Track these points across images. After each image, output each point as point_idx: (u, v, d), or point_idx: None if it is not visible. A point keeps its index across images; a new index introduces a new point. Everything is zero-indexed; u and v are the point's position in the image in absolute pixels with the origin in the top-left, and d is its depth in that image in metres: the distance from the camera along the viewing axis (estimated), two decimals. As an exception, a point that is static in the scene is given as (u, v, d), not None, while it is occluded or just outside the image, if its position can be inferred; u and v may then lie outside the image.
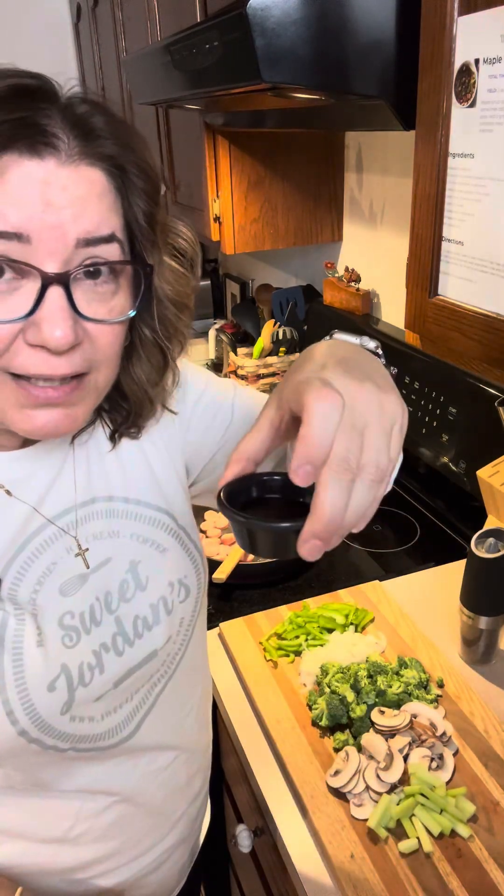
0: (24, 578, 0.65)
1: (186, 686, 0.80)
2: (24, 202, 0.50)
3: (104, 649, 0.69)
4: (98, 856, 0.76)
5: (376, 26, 0.90)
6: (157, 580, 0.73)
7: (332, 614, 1.11)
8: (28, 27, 3.17)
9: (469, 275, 0.85)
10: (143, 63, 1.40)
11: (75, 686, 0.66)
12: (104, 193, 0.54)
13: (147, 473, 0.75)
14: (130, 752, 0.74)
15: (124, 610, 0.71)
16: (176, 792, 0.82)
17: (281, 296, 2.04)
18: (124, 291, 0.58)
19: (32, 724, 0.65)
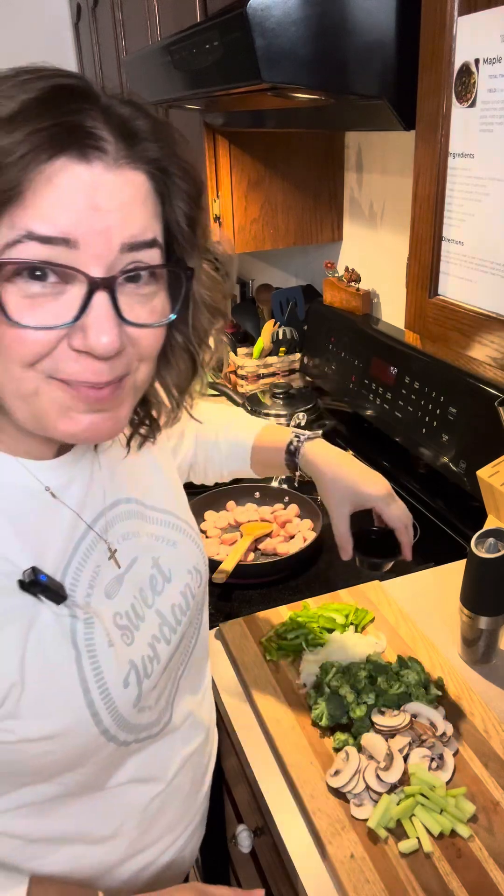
0: (78, 584, 0.66)
1: (200, 667, 0.85)
2: (72, 207, 0.50)
3: (156, 640, 0.73)
4: (143, 846, 0.78)
5: (376, 26, 0.90)
6: (178, 570, 0.78)
7: (332, 614, 1.11)
8: (28, 27, 3.16)
9: (469, 275, 0.85)
10: (143, 63, 1.40)
11: (142, 679, 0.70)
12: (147, 197, 0.55)
13: (156, 476, 0.80)
14: (170, 736, 0.78)
15: (160, 602, 0.74)
16: (200, 772, 0.86)
17: (281, 296, 2.04)
18: (163, 294, 0.58)
19: (113, 721, 0.67)
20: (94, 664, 0.65)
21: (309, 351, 1.93)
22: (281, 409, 1.77)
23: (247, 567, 1.27)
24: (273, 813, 0.85)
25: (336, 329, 1.80)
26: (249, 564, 1.28)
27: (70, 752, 0.65)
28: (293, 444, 0.98)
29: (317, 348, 1.88)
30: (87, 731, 0.65)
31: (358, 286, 1.76)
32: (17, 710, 0.60)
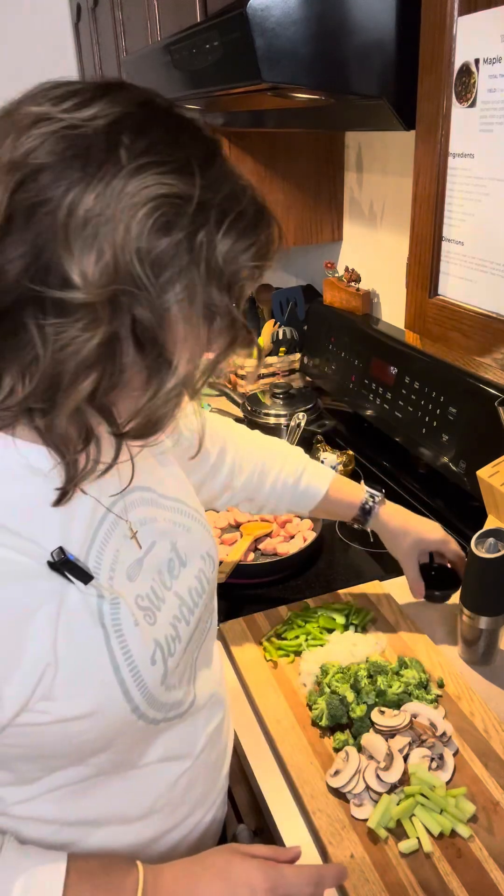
0: (101, 567, 0.67)
1: (210, 649, 0.88)
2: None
3: (177, 620, 0.75)
4: (174, 824, 0.80)
5: (376, 26, 0.90)
6: (193, 555, 0.80)
7: (332, 614, 1.11)
8: (28, 27, 3.16)
9: (469, 275, 0.85)
10: (143, 63, 1.40)
11: (167, 657, 0.71)
12: None
13: (167, 468, 0.84)
14: (195, 715, 0.80)
15: (177, 585, 0.77)
16: (223, 748, 0.88)
17: (281, 296, 2.04)
18: None
19: (143, 698, 0.68)
20: (122, 643, 0.66)
21: (309, 351, 1.93)
22: (281, 409, 1.77)
23: (247, 567, 1.27)
24: (273, 813, 0.85)
25: (336, 329, 1.80)
26: (249, 564, 1.28)
27: (103, 731, 0.66)
28: (368, 504, 1.09)
29: (317, 348, 1.88)
30: (120, 708, 0.66)
31: (358, 286, 1.76)
32: (52, 691, 0.61)
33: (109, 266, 0.50)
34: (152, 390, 0.56)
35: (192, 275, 0.53)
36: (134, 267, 0.51)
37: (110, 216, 0.50)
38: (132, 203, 0.50)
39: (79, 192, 0.50)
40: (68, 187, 0.50)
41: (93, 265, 0.50)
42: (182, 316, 0.55)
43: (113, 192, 0.50)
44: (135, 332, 0.53)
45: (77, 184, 0.50)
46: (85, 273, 0.50)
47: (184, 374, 0.57)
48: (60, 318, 0.51)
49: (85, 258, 0.50)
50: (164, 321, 0.54)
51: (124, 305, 0.52)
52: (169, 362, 0.56)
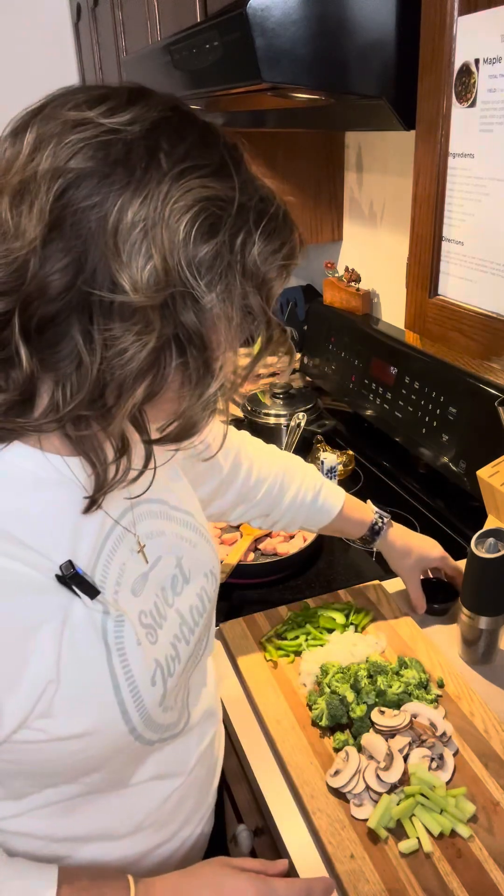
0: (107, 581, 0.65)
1: (206, 664, 0.87)
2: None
3: (177, 640, 0.73)
4: (163, 839, 0.79)
5: (376, 26, 0.90)
6: (197, 572, 0.79)
7: (332, 614, 1.11)
8: (28, 27, 3.16)
9: (469, 275, 0.85)
10: (143, 63, 1.40)
11: (166, 677, 0.70)
12: None
13: (177, 482, 0.82)
14: (188, 733, 0.79)
15: (179, 603, 0.75)
16: (213, 765, 0.88)
17: (281, 296, 2.04)
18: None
19: (141, 719, 0.67)
20: (124, 662, 0.65)
21: (309, 351, 1.93)
22: (281, 409, 1.77)
23: (247, 567, 1.27)
24: (273, 813, 0.85)
25: (336, 329, 1.80)
26: (249, 564, 1.28)
27: (98, 751, 0.65)
28: (378, 524, 1.11)
29: (317, 348, 1.88)
30: (117, 729, 0.65)
31: (358, 286, 1.76)
32: (51, 709, 0.60)
33: (159, 271, 0.50)
34: (195, 395, 0.56)
35: (232, 276, 0.53)
36: (182, 271, 0.51)
37: (157, 221, 0.50)
38: (178, 207, 0.50)
39: (126, 197, 0.50)
40: (114, 193, 0.50)
41: (144, 270, 0.50)
42: (224, 317, 0.54)
43: (158, 197, 0.50)
44: (180, 336, 0.53)
45: (123, 190, 0.50)
46: (136, 279, 0.50)
47: (223, 377, 0.57)
48: (113, 325, 0.51)
49: (135, 264, 0.50)
50: (207, 324, 0.54)
51: (172, 310, 0.52)
52: (211, 365, 0.56)
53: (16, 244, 0.50)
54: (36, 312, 0.51)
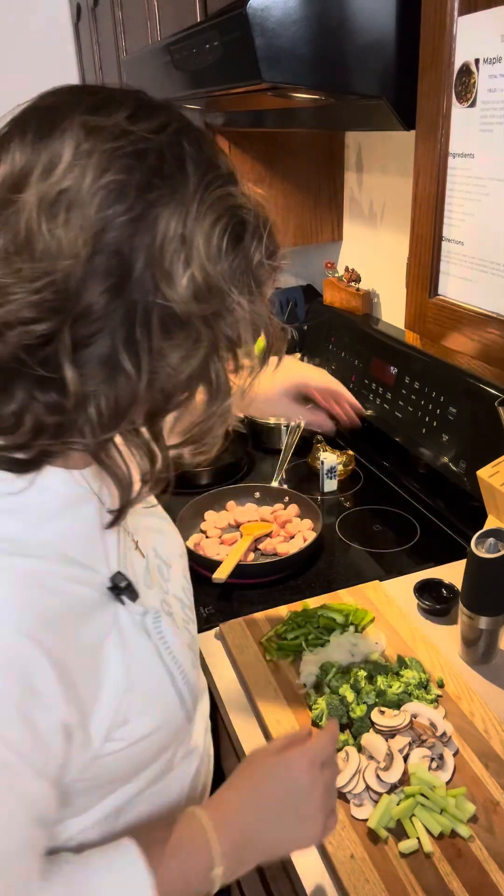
0: (134, 583, 0.66)
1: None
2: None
3: (186, 622, 0.76)
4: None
5: (376, 26, 0.90)
6: (173, 555, 0.81)
7: (332, 614, 1.11)
8: (28, 27, 3.16)
9: (469, 275, 0.85)
10: (143, 63, 1.40)
11: (195, 660, 0.75)
12: None
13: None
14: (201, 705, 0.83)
15: (172, 588, 0.77)
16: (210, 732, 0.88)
17: (281, 296, 2.04)
18: None
19: (192, 702, 0.71)
20: (171, 654, 0.67)
21: (309, 351, 1.93)
22: (281, 409, 1.77)
23: (247, 567, 1.27)
24: (273, 813, 0.85)
25: (336, 329, 1.80)
26: (249, 564, 1.28)
27: (163, 741, 0.67)
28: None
29: (317, 348, 1.88)
30: (178, 717, 0.68)
31: (358, 286, 1.76)
32: (128, 716, 0.61)
33: (200, 282, 0.50)
34: (219, 401, 0.56)
35: (249, 284, 0.54)
36: (221, 282, 0.51)
37: (194, 231, 0.50)
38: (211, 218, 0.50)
39: (165, 209, 0.49)
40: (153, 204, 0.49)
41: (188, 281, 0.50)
42: (244, 324, 0.54)
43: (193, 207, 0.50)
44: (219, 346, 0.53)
45: (159, 200, 0.49)
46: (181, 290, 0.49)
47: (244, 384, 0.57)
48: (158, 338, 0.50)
49: (178, 275, 0.49)
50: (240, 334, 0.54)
51: (213, 320, 0.52)
52: (239, 363, 0.57)
53: (59, 261, 0.47)
54: (80, 331, 0.49)
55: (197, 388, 0.54)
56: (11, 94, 0.56)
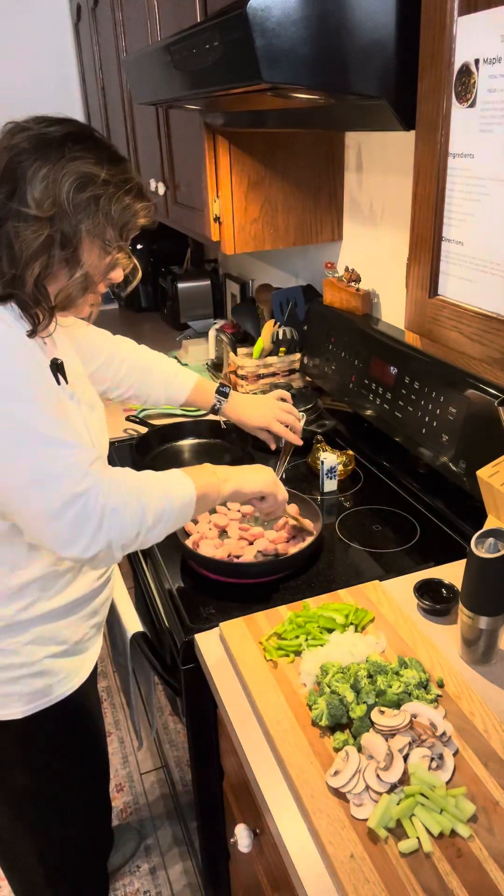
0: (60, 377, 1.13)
1: None
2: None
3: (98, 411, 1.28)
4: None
5: (376, 26, 0.89)
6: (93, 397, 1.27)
7: (332, 614, 1.11)
8: (28, 27, 3.16)
9: (469, 275, 0.85)
10: (143, 63, 1.40)
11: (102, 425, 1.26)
12: None
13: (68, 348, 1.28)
14: None
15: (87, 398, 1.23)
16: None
17: (281, 296, 2.04)
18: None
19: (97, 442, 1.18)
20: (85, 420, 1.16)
21: (309, 351, 1.94)
22: (281, 409, 1.77)
23: (247, 567, 1.27)
24: (273, 813, 0.85)
25: (336, 329, 1.80)
26: (249, 564, 1.28)
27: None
28: (216, 406, 1.49)
29: (317, 348, 1.88)
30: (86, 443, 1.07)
31: (358, 286, 1.76)
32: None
33: (52, 201, 0.92)
34: (69, 276, 0.97)
35: (97, 216, 0.95)
36: (64, 205, 0.93)
37: (56, 178, 0.92)
38: (66, 173, 0.93)
39: (40, 164, 0.93)
40: (36, 160, 0.93)
41: (43, 199, 0.92)
42: (88, 238, 0.96)
43: (57, 167, 0.93)
44: (61, 237, 0.94)
45: (40, 160, 0.93)
46: (38, 202, 0.92)
47: (86, 270, 0.98)
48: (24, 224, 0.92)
49: (39, 195, 0.92)
50: (77, 236, 0.95)
51: (58, 223, 0.94)
52: (79, 260, 0.97)
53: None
54: None
55: (39, 259, 0.94)
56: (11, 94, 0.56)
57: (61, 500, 0.93)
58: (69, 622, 1.14)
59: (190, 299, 2.87)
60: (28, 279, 0.95)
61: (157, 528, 1.02)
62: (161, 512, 1.01)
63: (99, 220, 0.95)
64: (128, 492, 0.98)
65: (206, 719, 1.21)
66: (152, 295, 3.21)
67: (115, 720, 2.29)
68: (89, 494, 0.94)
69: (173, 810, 1.95)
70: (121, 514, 0.96)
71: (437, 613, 1.14)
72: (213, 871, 1.43)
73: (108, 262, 1.01)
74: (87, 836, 1.40)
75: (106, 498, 0.95)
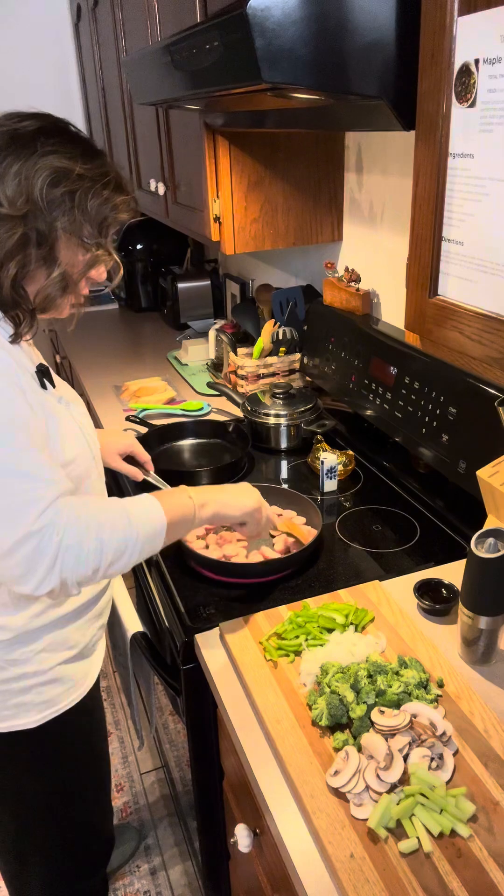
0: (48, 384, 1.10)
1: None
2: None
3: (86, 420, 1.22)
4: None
5: (376, 26, 0.89)
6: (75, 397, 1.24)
7: (332, 614, 1.11)
8: (28, 27, 3.17)
9: (469, 275, 0.85)
10: (143, 63, 1.40)
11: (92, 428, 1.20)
12: None
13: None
14: None
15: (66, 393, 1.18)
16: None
17: (281, 296, 2.04)
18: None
19: (95, 446, 1.17)
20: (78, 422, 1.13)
21: (309, 351, 1.94)
22: (281, 408, 1.77)
23: (247, 567, 1.27)
24: (273, 813, 0.85)
25: (336, 329, 1.80)
26: (250, 564, 1.28)
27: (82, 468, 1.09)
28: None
29: (317, 348, 1.88)
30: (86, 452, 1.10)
31: (358, 286, 1.76)
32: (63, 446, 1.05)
33: (25, 199, 0.90)
34: (47, 276, 0.95)
35: (73, 213, 0.93)
36: (37, 202, 0.91)
37: (28, 175, 0.90)
38: (38, 169, 0.90)
39: (11, 160, 0.90)
40: (6, 157, 0.90)
41: (16, 197, 0.90)
42: (65, 235, 0.94)
43: (28, 162, 0.90)
44: (36, 236, 0.92)
45: (11, 156, 0.91)
46: (10, 200, 0.90)
47: (64, 269, 0.96)
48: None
49: (11, 193, 0.90)
50: (53, 234, 0.93)
51: (32, 221, 0.91)
52: (56, 259, 0.95)
53: None
54: None
55: (15, 259, 0.91)
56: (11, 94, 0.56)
57: (14, 538, 0.89)
58: (78, 626, 1.13)
59: (190, 299, 2.88)
60: (4, 280, 0.92)
61: (121, 562, 0.97)
62: (123, 547, 0.96)
63: (75, 217, 0.93)
64: (86, 528, 0.93)
65: (206, 719, 1.21)
66: (152, 295, 3.21)
67: (115, 720, 2.29)
68: (44, 532, 0.89)
69: (173, 810, 1.95)
70: (75, 551, 0.91)
71: (437, 613, 1.14)
72: (213, 871, 1.43)
73: (88, 260, 0.98)
74: (91, 840, 1.40)
75: (61, 535, 0.90)
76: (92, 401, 2.20)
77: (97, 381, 2.37)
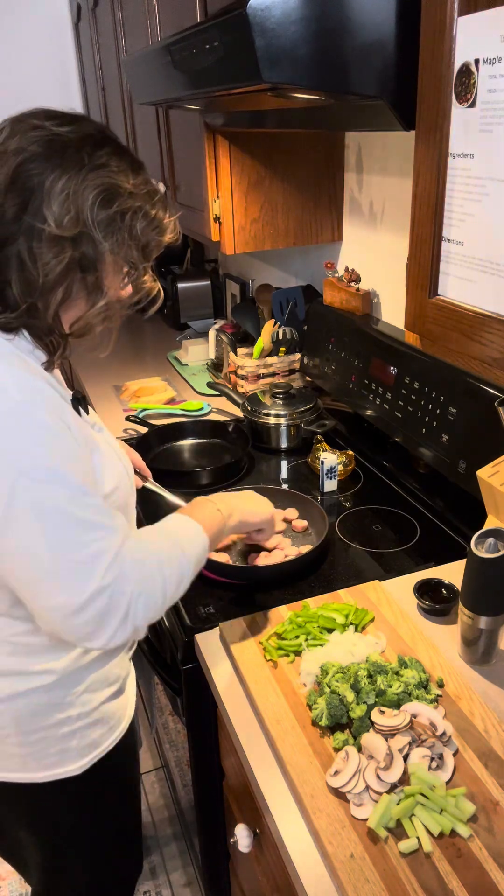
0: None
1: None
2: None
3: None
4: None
5: (376, 26, 0.89)
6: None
7: (332, 614, 1.11)
8: (28, 27, 3.17)
9: (469, 275, 0.85)
10: (143, 63, 1.40)
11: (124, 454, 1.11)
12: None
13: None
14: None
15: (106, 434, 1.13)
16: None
17: (281, 296, 2.04)
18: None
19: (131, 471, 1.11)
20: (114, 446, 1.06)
21: (309, 351, 1.94)
22: (281, 409, 1.77)
23: (247, 567, 1.27)
24: (273, 813, 0.85)
25: (336, 329, 1.80)
26: (251, 565, 1.28)
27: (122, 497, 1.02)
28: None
29: (317, 348, 1.88)
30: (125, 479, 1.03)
31: (358, 286, 1.76)
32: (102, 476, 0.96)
33: (73, 217, 0.81)
34: (89, 304, 0.88)
35: (121, 235, 0.85)
36: (87, 222, 0.82)
37: (76, 191, 0.81)
38: (89, 186, 0.82)
39: (58, 173, 0.81)
40: (51, 169, 0.81)
41: (64, 216, 0.81)
42: (112, 259, 0.87)
43: (78, 178, 0.82)
44: (83, 261, 0.84)
45: (56, 168, 0.81)
46: (58, 220, 0.81)
47: (110, 298, 0.89)
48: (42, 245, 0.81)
49: (59, 212, 0.81)
50: (100, 259, 0.85)
51: (79, 243, 0.83)
52: (101, 286, 0.87)
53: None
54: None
55: (62, 286, 0.84)
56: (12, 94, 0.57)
57: (84, 595, 0.82)
58: (119, 659, 1.08)
59: (190, 299, 2.88)
60: (50, 308, 0.84)
61: (179, 590, 0.94)
62: (180, 577, 0.93)
63: (124, 239, 0.84)
64: (150, 571, 0.88)
65: (206, 719, 1.21)
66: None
67: (115, 720, 2.29)
68: (114, 586, 0.84)
69: (173, 810, 1.95)
70: (145, 598, 0.87)
71: (437, 613, 1.14)
72: (214, 871, 1.43)
73: (129, 286, 0.91)
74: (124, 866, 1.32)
75: (132, 584, 0.85)
76: (92, 401, 2.20)
77: (97, 381, 2.37)
